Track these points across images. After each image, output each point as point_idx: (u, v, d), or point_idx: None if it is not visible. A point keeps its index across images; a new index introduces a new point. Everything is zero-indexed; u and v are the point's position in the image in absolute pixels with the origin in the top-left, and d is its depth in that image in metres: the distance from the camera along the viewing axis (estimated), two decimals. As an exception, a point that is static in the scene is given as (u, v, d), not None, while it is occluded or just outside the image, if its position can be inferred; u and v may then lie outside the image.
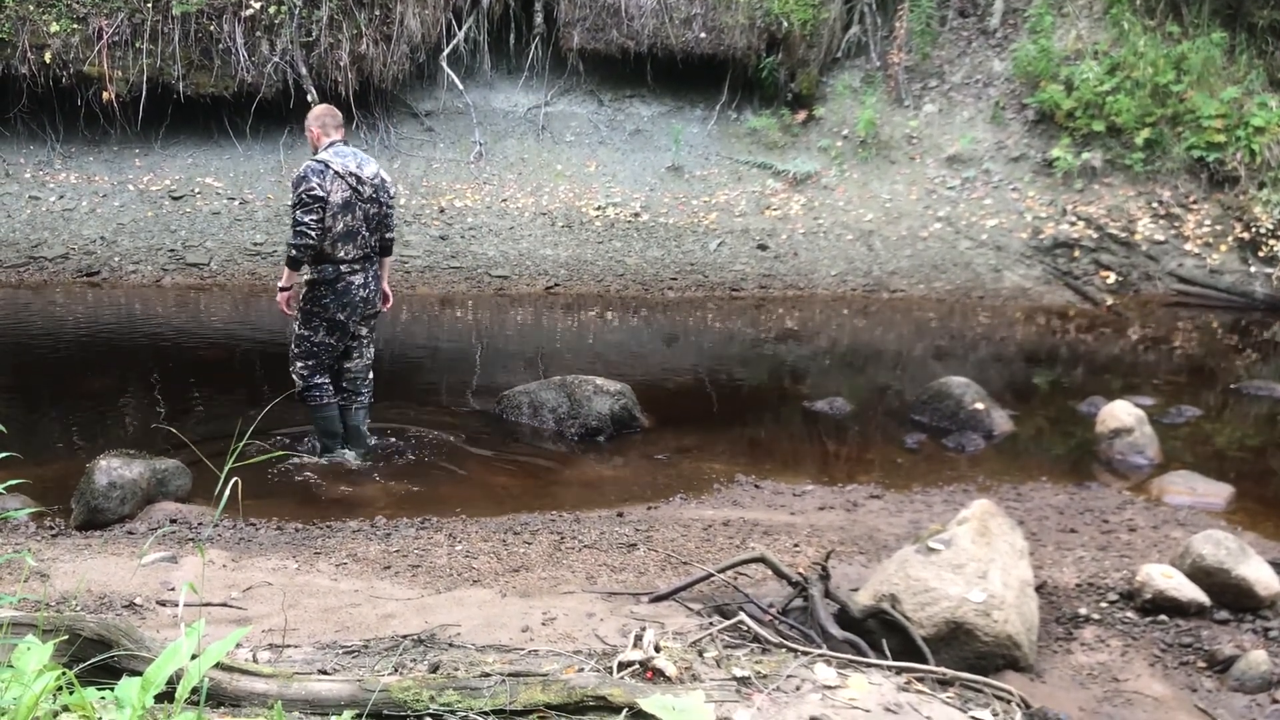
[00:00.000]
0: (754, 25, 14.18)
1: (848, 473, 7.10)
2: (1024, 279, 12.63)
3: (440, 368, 9.38)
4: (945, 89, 14.84)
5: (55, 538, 5.49)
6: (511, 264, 12.44)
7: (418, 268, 12.21)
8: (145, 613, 4.19)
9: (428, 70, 14.37)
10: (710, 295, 12.11)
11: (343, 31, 13.40)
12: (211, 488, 6.12)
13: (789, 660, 3.34)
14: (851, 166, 14.18)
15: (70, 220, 12.59)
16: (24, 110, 13.29)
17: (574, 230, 13.10)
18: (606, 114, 14.78)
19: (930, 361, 10.20)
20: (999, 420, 7.99)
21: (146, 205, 12.94)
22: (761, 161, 14.22)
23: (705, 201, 13.72)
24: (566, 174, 14.05)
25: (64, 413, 7.77)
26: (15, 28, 12.76)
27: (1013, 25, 15.08)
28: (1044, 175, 13.85)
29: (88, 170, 13.39)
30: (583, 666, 3.15)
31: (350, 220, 6.63)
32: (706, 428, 8.00)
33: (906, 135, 14.43)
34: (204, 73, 13.28)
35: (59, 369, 8.81)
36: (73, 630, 2.73)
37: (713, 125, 14.68)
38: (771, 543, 5.48)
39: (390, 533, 5.62)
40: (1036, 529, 5.82)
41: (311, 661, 3.27)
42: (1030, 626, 4.20)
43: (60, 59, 12.88)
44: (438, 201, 13.38)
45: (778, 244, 13.02)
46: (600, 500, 6.44)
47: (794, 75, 14.59)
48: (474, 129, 14.34)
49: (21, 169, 13.28)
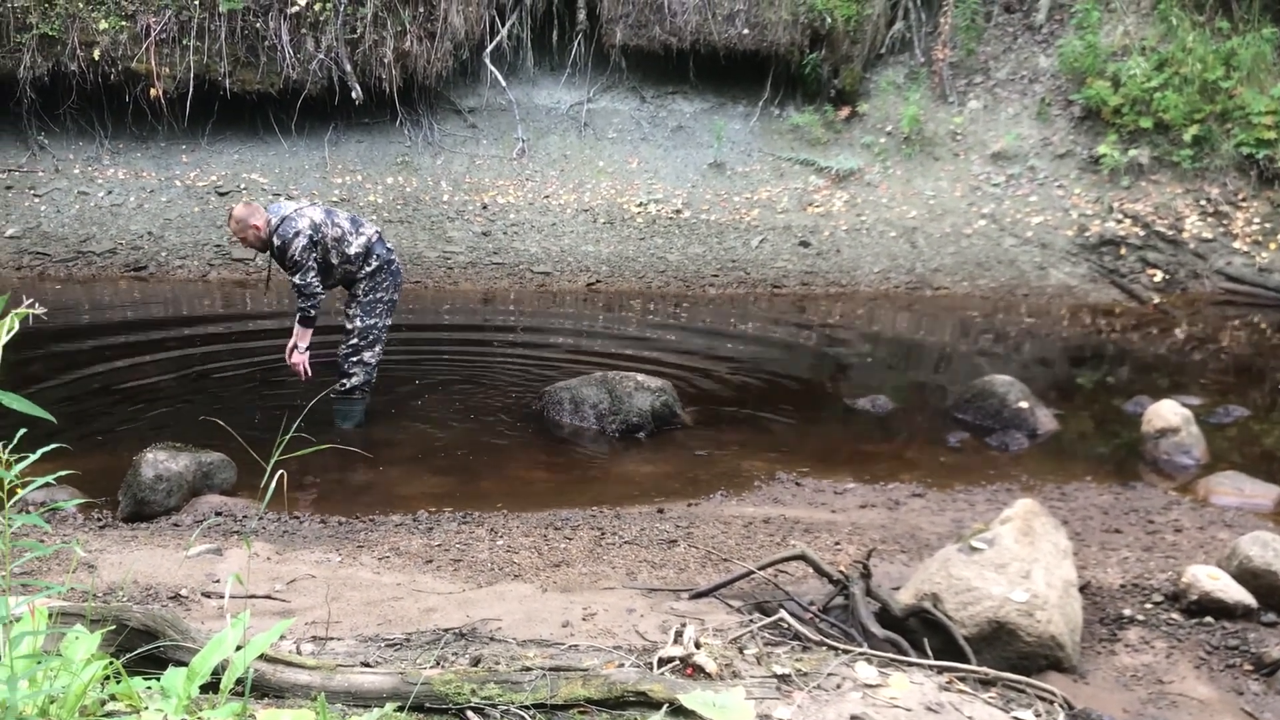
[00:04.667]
0: (797, 21, 14.12)
1: (889, 471, 7.05)
2: (1069, 277, 12.51)
3: (485, 362, 9.41)
4: (990, 85, 14.72)
5: (102, 529, 5.56)
6: (553, 260, 12.47)
7: (460, 264, 12.26)
8: (190, 604, 4.24)
9: (471, 67, 14.42)
10: (752, 292, 12.08)
11: (387, 28, 13.48)
12: (255, 481, 6.21)
13: (830, 658, 3.33)
14: (895, 163, 14.10)
15: (118, 216, 12.75)
16: (73, 107, 13.46)
17: (615, 227, 13.10)
18: (649, 110, 14.78)
19: (974, 359, 10.12)
20: (1043, 419, 7.91)
21: (193, 201, 13.07)
22: (804, 158, 14.17)
23: (747, 198, 13.68)
24: (608, 170, 14.06)
25: (111, 405, 7.87)
26: (65, 25, 12.93)
27: (1059, 21, 14.94)
28: (1090, 172, 13.71)
29: (135, 166, 13.55)
30: (623, 662, 3.16)
31: (350, 227, 7.30)
32: (747, 425, 7.98)
33: (951, 132, 14.33)
34: (250, 70, 13.40)
35: (105, 362, 8.91)
36: (120, 620, 2.76)
37: (755, 122, 14.64)
38: (812, 540, 5.46)
39: (432, 527, 5.66)
40: (1080, 529, 5.77)
41: (354, 654, 3.30)
42: (1074, 627, 4.16)
43: (109, 56, 13.04)
44: (480, 198, 13.44)
45: (820, 241, 12.97)
46: (641, 496, 6.44)
47: (837, 71, 14.52)
48: (517, 126, 14.38)
49: (71, 165, 13.45)
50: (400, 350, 8.94)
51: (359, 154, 14.02)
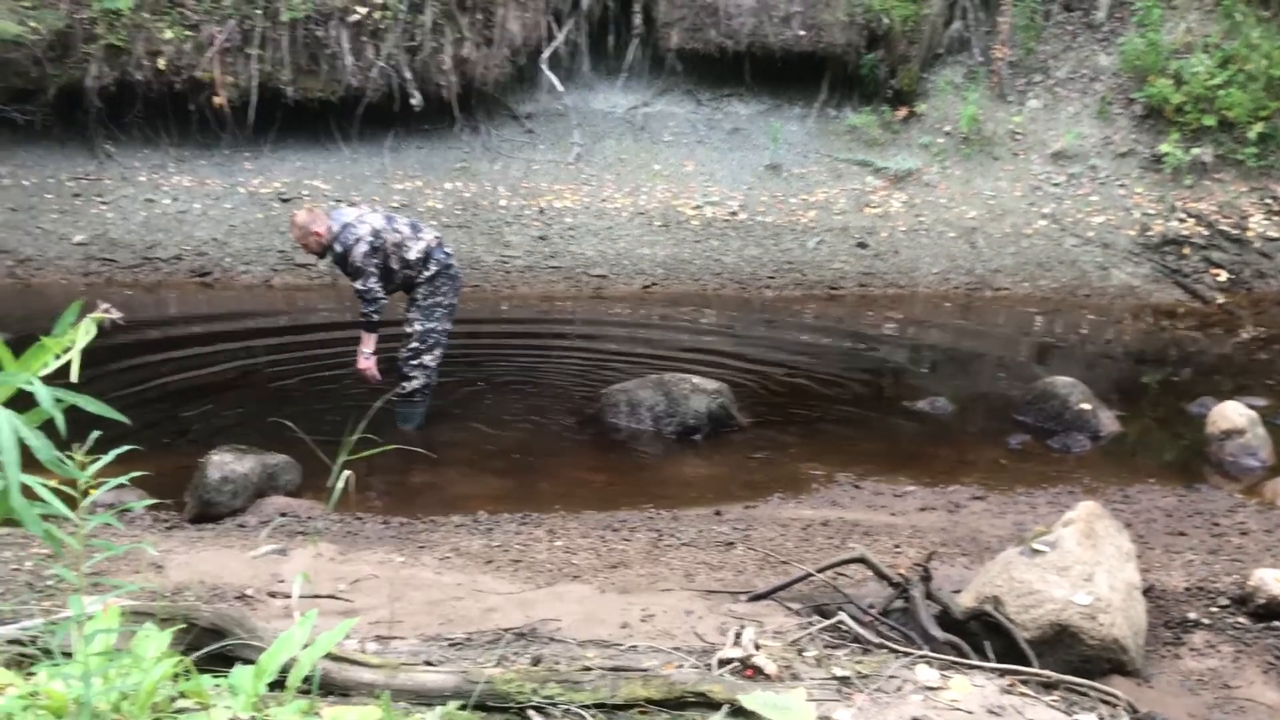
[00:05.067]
0: (854, 22, 14.06)
1: (949, 473, 7.01)
2: (1132, 277, 12.34)
3: (542, 365, 9.45)
4: (1050, 84, 14.56)
5: (170, 530, 5.66)
6: (609, 263, 12.50)
7: (517, 268, 12.33)
8: (256, 603, 4.30)
9: (528, 73, 14.49)
10: (809, 294, 12.03)
11: (445, 35, 13.59)
12: (318, 482, 6.28)
13: (890, 661, 3.32)
14: (953, 163, 13.99)
15: (183, 222, 12.95)
16: (139, 116, 13.69)
17: (671, 230, 13.11)
18: (704, 113, 14.77)
19: (1035, 361, 10.02)
20: (1105, 421, 7.82)
21: (257, 207, 13.25)
22: (861, 159, 14.09)
23: (804, 200, 13.64)
24: (664, 174, 14.07)
25: (177, 408, 7.99)
26: (131, 35, 13.15)
27: (1119, 19, 14.73)
28: (1152, 171, 13.52)
29: (200, 174, 13.76)
30: (682, 663, 3.16)
31: (410, 233, 7.39)
32: (805, 427, 7.95)
33: (1010, 131, 14.19)
34: (311, 77, 13.56)
35: (171, 365, 9.06)
36: (189, 619, 2.81)
37: (811, 123, 14.58)
38: (871, 543, 5.44)
39: (492, 528, 5.70)
40: (1144, 532, 5.70)
41: (417, 653, 3.33)
42: (1137, 630, 4.12)
43: (174, 65, 13.25)
44: (537, 202, 13.50)
45: (878, 242, 12.90)
46: (698, 498, 6.45)
47: (894, 72, 14.43)
48: (573, 130, 14.43)
49: (137, 173, 13.68)
50: (460, 353, 9.00)
51: (418, 160, 14.13)
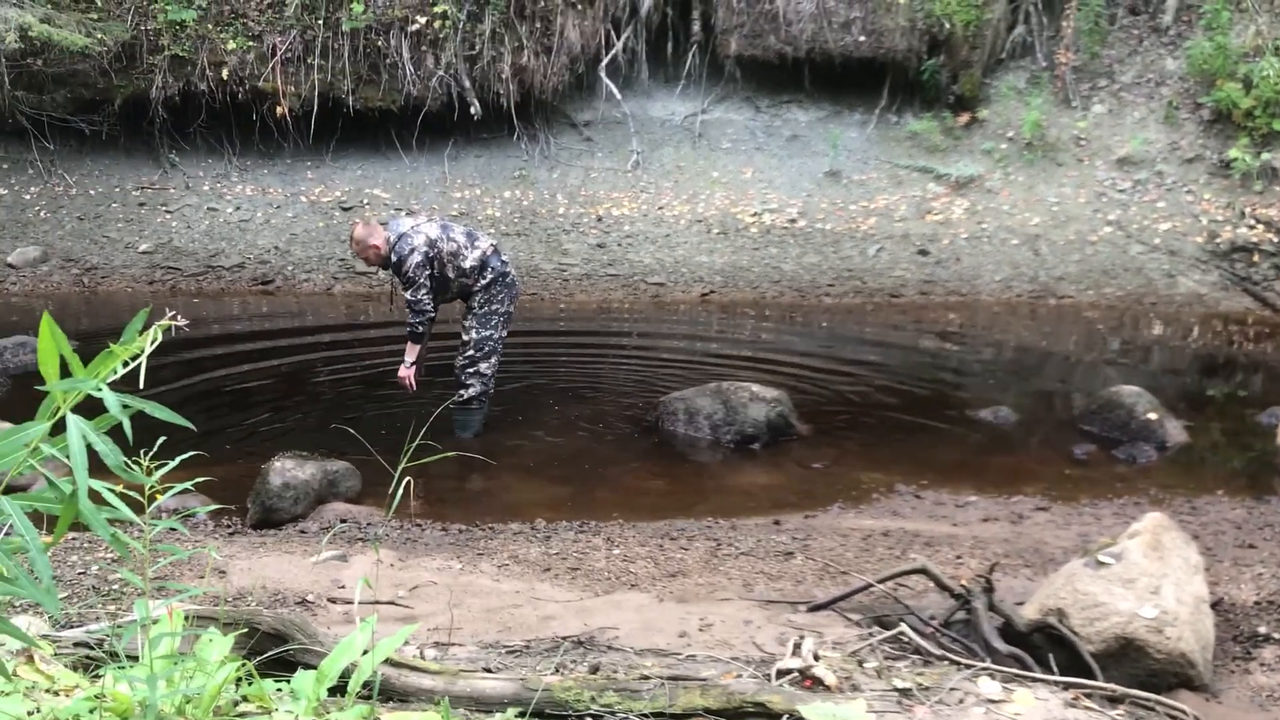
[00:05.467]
0: (915, 27, 13.96)
1: (1012, 483, 6.91)
2: (1199, 285, 12.12)
3: (600, 373, 9.47)
4: (1115, 89, 14.36)
5: (232, 535, 5.73)
6: (667, 271, 12.50)
7: (575, 275, 12.37)
8: (316, 609, 4.34)
9: (586, 81, 14.55)
10: (869, 301, 11.96)
11: (505, 44, 13.68)
12: (378, 489, 6.33)
13: (952, 673, 3.28)
14: (1016, 169, 13.84)
15: (246, 231, 13.14)
16: (203, 125, 13.93)
17: (729, 237, 13.09)
18: (763, 120, 14.73)
19: (1100, 370, 9.87)
20: (1172, 431, 7.68)
21: (318, 216, 13.41)
22: (922, 165, 13.99)
23: (864, 206, 13.56)
24: (722, 181, 14.06)
25: (238, 414, 8.10)
26: (195, 46, 13.39)
27: (1186, 22, 14.50)
28: (1220, 177, 13.28)
29: (262, 182, 13.95)
30: (741, 673, 3.14)
31: (465, 241, 7.41)
32: (865, 436, 7.89)
33: (1074, 137, 14.01)
34: (372, 87, 13.71)
35: (234, 372, 9.18)
36: (251, 624, 2.84)
37: (871, 129, 14.49)
38: (933, 554, 5.38)
39: (550, 535, 5.71)
40: (1212, 544, 5.59)
41: (475, 660, 3.34)
42: (1205, 644, 4.03)
43: (237, 75, 13.47)
44: (595, 210, 13.54)
45: (939, 249, 12.79)
46: (756, 508, 6.42)
47: (956, 77, 14.30)
48: (631, 138, 14.46)
49: (200, 182, 13.91)
50: (518, 360, 9.05)
51: (477, 168, 14.24)
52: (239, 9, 13.43)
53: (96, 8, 13.17)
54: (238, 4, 13.41)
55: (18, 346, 9.24)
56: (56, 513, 1.66)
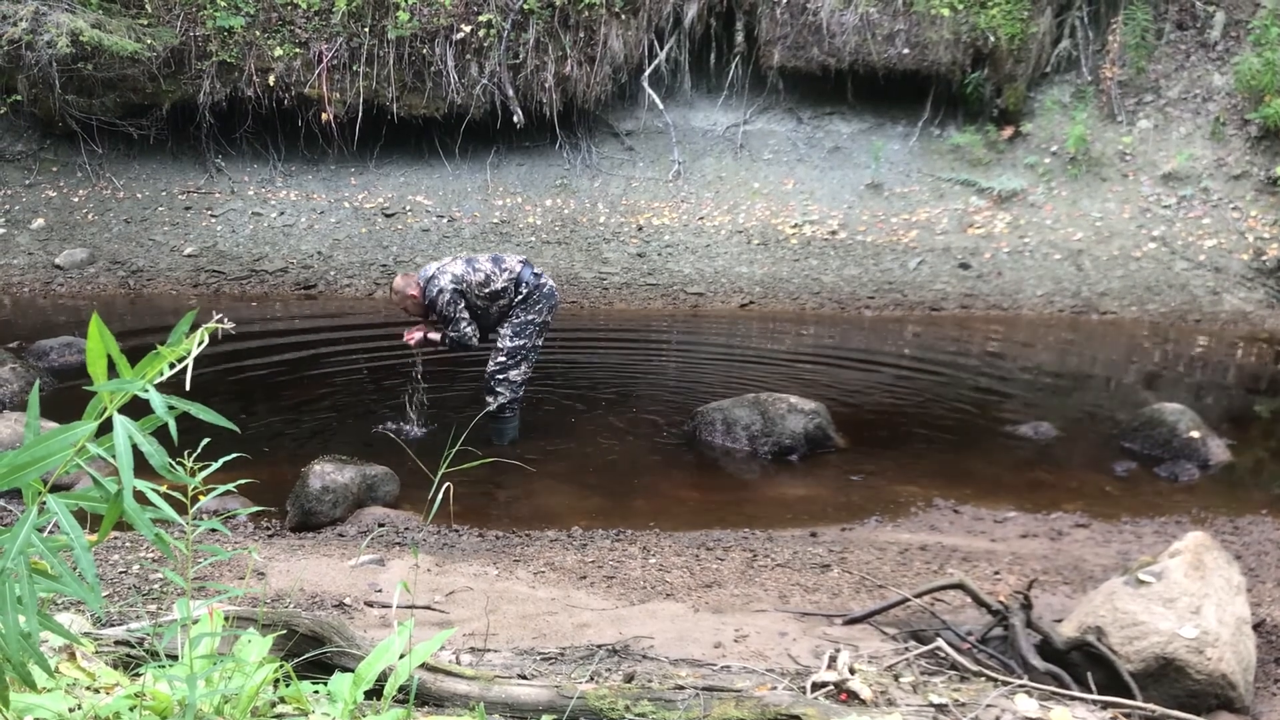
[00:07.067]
0: (959, 40, 13.90)
1: (1052, 500, 6.85)
2: (1244, 302, 11.98)
3: (638, 382, 9.48)
4: (1161, 104, 14.23)
5: (271, 538, 5.78)
6: (707, 281, 12.50)
7: (615, 284, 12.39)
8: (354, 612, 4.36)
9: (629, 90, 14.58)
10: (909, 314, 11.90)
11: (548, 53, 13.73)
12: (417, 494, 6.38)
13: (988, 689, 3.26)
14: (1060, 184, 13.74)
15: (290, 235, 13.25)
16: (249, 131, 14.08)
17: (770, 248, 13.07)
18: (805, 131, 14.71)
19: (1142, 387, 9.78)
20: (1215, 449, 7.59)
21: (361, 222, 13.51)
22: (965, 178, 13.91)
23: (905, 219, 13.50)
24: (763, 192, 14.04)
25: (278, 417, 8.16)
26: (242, 53, 13.53)
27: (1234, 37, 14.36)
28: (1267, 194, 13.12)
29: (306, 188, 14.08)
30: (776, 685, 3.14)
31: (492, 268, 7.43)
32: (903, 449, 7.85)
33: (1119, 152, 13.90)
34: (416, 95, 13.81)
35: (274, 375, 9.25)
36: (290, 626, 2.86)
37: (914, 142, 14.43)
38: (970, 569, 5.34)
39: (586, 543, 5.72)
40: (1255, 564, 5.51)
41: (511, 666, 3.35)
42: (1247, 666, 3.98)
43: (283, 82, 13.60)
44: (636, 220, 13.56)
45: (980, 263, 12.71)
46: (793, 519, 6.40)
47: (1000, 90, 14.22)
48: (673, 148, 14.48)
49: (245, 187, 14.05)
50: (556, 368, 9.07)
51: (519, 176, 14.30)
52: (286, 16, 13.56)
53: (146, 14, 13.34)
54: (285, 11, 13.54)
55: (64, 347, 9.37)
56: (101, 512, 1.68)
